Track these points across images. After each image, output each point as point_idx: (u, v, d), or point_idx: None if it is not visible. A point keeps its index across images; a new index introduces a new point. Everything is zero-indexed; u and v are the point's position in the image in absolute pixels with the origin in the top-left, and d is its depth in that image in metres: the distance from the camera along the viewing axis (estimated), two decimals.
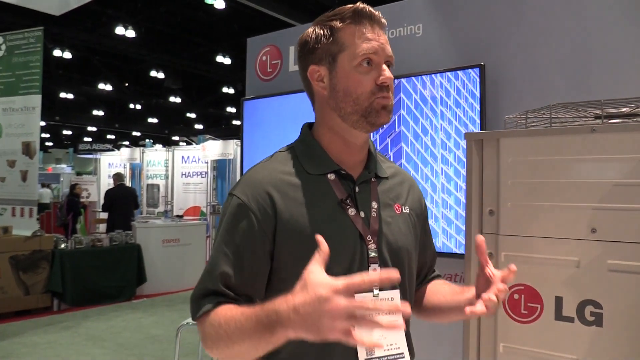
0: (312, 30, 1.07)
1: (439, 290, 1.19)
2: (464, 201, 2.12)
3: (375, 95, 1.02)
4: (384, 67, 1.03)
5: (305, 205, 1.01)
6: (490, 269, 0.97)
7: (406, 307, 0.75)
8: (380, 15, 1.06)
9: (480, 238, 0.98)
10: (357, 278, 0.74)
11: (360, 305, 0.73)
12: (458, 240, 2.48)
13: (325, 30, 1.05)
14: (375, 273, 0.81)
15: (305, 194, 1.03)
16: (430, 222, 1.41)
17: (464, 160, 2.24)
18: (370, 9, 1.04)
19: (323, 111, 1.09)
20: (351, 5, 1.05)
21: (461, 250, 2.42)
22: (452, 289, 1.15)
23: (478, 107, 2.42)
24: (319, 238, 0.83)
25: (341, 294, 0.73)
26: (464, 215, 2.12)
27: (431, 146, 2.56)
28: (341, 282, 0.74)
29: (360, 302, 0.73)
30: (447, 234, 2.52)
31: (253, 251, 0.99)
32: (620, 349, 1.42)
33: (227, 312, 0.92)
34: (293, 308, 0.77)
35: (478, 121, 2.41)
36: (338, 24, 1.04)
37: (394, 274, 0.77)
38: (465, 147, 1.79)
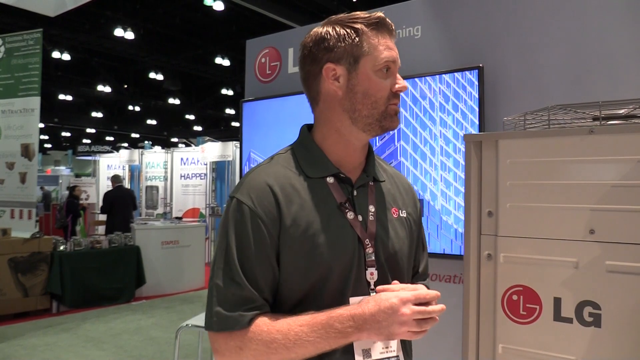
0: (331, 29, 1.06)
1: None
2: (462, 203, 2.13)
3: (390, 101, 1.06)
4: (399, 76, 1.08)
5: (305, 208, 1.02)
6: None
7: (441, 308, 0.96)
8: (395, 27, 1.10)
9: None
10: (423, 292, 0.94)
11: (424, 311, 0.92)
12: (456, 242, 2.49)
13: (350, 31, 1.05)
14: (434, 291, 0.96)
15: (305, 197, 1.03)
16: (429, 223, 1.41)
17: (462, 162, 2.25)
18: (390, 21, 1.09)
19: (331, 111, 1.07)
20: (371, 14, 1.07)
21: (459, 252, 2.42)
22: None
23: (477, 109, 2.42)
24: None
25: (409, 304, 0.92)
26: (462, 217, 2.12)
27: (429, 147, 2.57)
28: (407, 294, 0.93)
29: (422, 310, 0.92)
30: (445, 236, 2.52)
31: (265, 256, 0.99)
32: (618, 350, 1.42)
33: (278, 326, 0.95)
34: (370, 314, 0.92)
35: (477, 123, 2.42)
36: (364, 28, 1.05)
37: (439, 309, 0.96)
38: (464, 148, 1.79)
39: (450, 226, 2.51)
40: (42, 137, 22.42)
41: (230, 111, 19.32)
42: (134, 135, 23.45)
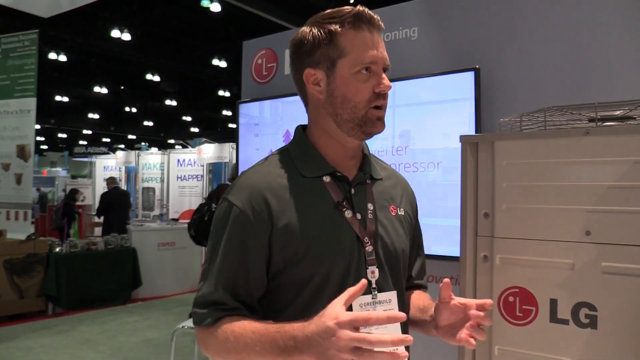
0: (308, 31, 1.03)
1: (413, 304, 1.17)
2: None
3: (371, 104, 1.01)
4: (384, 75, 1.02)
5: (301, 208, 1.00)
6: (459, 300, 1.00)
7: (402, 316, 0.81)
8: (379, 18, 1.03)
9: (446, 280, 1.01)
10: (364, 314, 0.81)
11: (363, 338, 0.77)
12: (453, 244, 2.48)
13: (324, 34, 1.01)
14: (383, 313, 0.82)
15: (301, 197, 1.02)
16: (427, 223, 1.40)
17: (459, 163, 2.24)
18: (370, 12, 1.02)
19: (318, 115, 1.07)
20: (350, 8, 1.01)
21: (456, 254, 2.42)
22: (418, 304, 1.15)
23: (473, 110, 2.42)
24: (360, 284, 0.85)
25: (347, 327, 0.79)
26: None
27: (426, 149, 2.56)
28: (347, 315, 0.80)
29: (363, 335, 0.78)
30: (442, 237, 2.51)
31: (252, 259, 0.99)
32: (614, 351, 1.42)
33: (235, 327, 0.94)
34: (306, 337, 0.83)
35: (473, 124, 2.42)
36: (338, 28, 1.00)
37: (400, 317, 0.81)
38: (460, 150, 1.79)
39: (448, 226, 2.50)
40: (38, 138, 22.34)
41: (227, 113, 19.29)
42: (130, 136, 23.39)
